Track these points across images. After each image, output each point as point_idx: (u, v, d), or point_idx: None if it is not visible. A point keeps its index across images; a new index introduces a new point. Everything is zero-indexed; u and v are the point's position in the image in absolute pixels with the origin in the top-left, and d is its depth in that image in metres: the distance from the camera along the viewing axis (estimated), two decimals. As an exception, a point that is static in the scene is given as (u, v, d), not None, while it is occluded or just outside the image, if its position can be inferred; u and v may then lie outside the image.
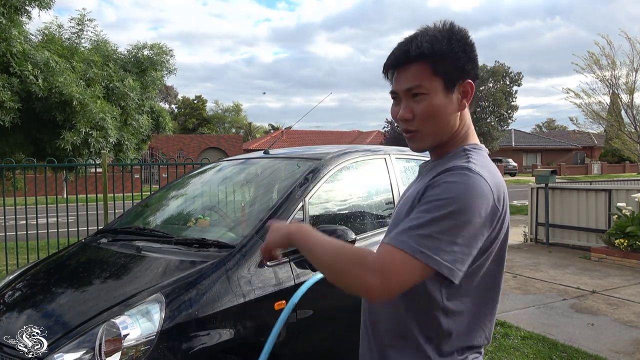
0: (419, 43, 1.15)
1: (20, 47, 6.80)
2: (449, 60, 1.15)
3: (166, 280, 2.36)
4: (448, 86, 1.16)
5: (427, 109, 1.16)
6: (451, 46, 1.15)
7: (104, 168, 5.85)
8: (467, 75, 1.18)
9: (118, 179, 18.00)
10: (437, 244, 1.02)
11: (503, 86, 38.08)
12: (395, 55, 1.19)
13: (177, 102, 59.39)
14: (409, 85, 1.17)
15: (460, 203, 1.04)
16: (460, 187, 1.05)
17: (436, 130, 1.19)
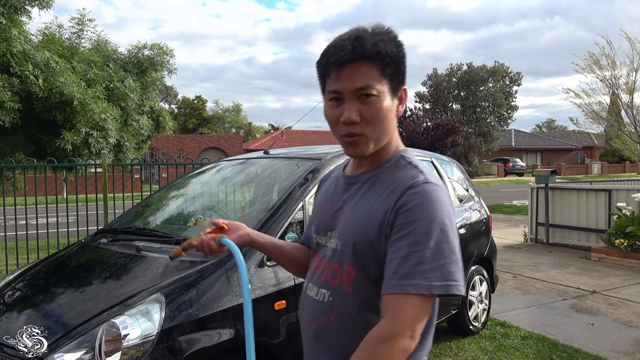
0: (374, 41, 1.08)
1: (20, 47, 6.79)
2: (395, 64, 1.12)
3: (166, 280, 2.36)
4: (393, 89, 1.13)
5: (377, 112, 1.11)
6: (399, 49, 1.12)
7: (104, 168, 5.84)
8: (404, 82, 1.16)
9: (118, 179, 18.01)
10: (446, 269, 1.02)
11: (503, 86, 38.07)
12: (346, 51, 1.08)
13: (177, 102, 59.39)
14: (360, 85, 1.09)
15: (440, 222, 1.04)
16: (436, 206, 1.05)
17: (381, 134, 1.14)
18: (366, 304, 1.12)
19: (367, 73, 1.09)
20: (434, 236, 1.02)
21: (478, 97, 37.76)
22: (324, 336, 1.19)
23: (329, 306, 1.17)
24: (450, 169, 4.59)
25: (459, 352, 3.94)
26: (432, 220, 1.03)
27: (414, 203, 1.05)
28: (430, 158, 4.32)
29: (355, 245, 1.13)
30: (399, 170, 1.15)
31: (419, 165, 1.16)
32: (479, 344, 4.11)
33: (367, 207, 1.14)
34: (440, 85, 38.72)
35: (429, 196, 1.06)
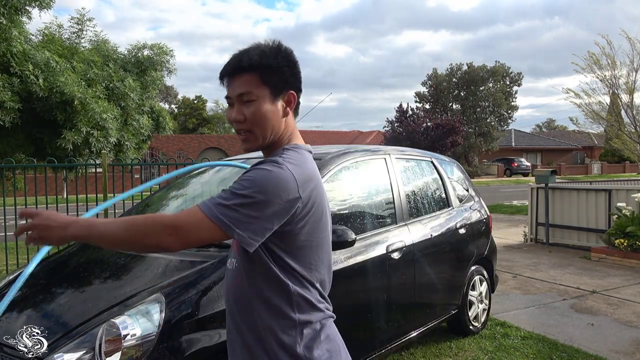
0: (251, 56, 1.34)
1: (20, 47, 6.79)
2: (275, 72, 1.35)
3: (166, 280, 2.37)
4: (274, 94, 1.36)
5: (256, 113, 1.35)
6: (277, 60, 1.35)
7: (104, 168, 5.85)
8: (290, 87, 1.38)
9: (118, 179, 18.00)
10: (236, 215, 1.21)
11: (503, 86, 38.07)
12: (230, 65, 1.37)
13: (177, 102, 59.38)
14: (241, 91, 1.35)
15: (263, 187, 1.23)
16: (266, 174, 1.25)
17: (264, 132, 1.37)
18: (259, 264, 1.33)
19: (248, 81, 1.34)
20: (252, 193, 1.22)
21: (478, 97, 37.74)
22: (238, 300, 1.39)
23: (237, 271, 1.40)
24: (450, 169, 4.59)
25: (459, 352, 3.94)
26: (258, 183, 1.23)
27: (255, 168, 1.28)
28: (430, 158, 4.32)
29: None
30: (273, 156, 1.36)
31: (288, 153, 1.35)
32: (479, 344, 4.11)
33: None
34: (440, 85, 38.71)
35: (270, 168, 1.26)
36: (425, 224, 3.75)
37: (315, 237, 1.36)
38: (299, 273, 1.35)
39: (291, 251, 1.33)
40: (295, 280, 1.34)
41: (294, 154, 1.35)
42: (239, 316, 1.39)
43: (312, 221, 1.33)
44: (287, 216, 1.26)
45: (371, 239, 3.15)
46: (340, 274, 2.67)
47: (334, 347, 1.40)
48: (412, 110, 32.82)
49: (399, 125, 31.63)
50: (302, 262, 1.35)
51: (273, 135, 1.38)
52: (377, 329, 3.20)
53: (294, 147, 1.39)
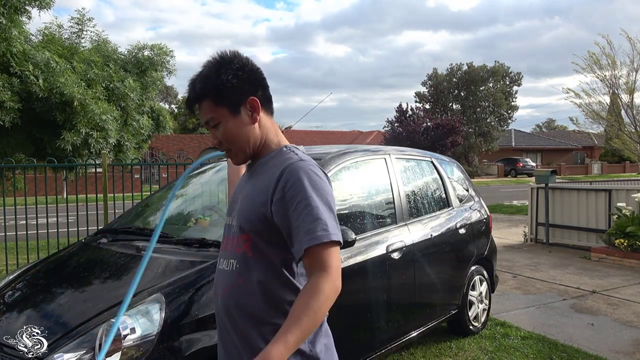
0: (195, 87, 1.39)
1: (20, 47, 6.79)
2: (223, 91, 1.37)
3: (166, 280, 2.37)
4: (232, 110, 1.38)
5: (226, 133, 1.40)
6: (220, 79, 1.36)
7: (104, 168, 5.85)
8: (246, 94, 1.39)
9: (118, 179, 18.00)
10: (333, 222, 1.29)
11: (503, 86, 38.07)
12: (189, 97, 1.43)
13: (177, 102, 59.36)
14: (205, 119, 1.41)
15: (317, 186, 1.31)
16: (308, 176, 1.31)
17: (241, 146, 1.42)
18: (267, 265, 1.36)
19: (206, 108, 1.40)
20: (317, 196, 1.29)
21: (478, 97, 37.74)
22: (238, 300, 1.39)
23: (237, 272, 1.40)
24: (450, 169, 4.59)
25: (459, 352, 3.94)
26: (311, 186, 1.30)
27: (295, 178, 1.31)
28: (430, 158, 4.32)
29: (245, 218, 1.40)
30: (281, 156, 1.42)
31: (297, 152, 1.43)
32: (479, 344, 4.11)
33: (254, 187, 1.43)
34: (440, 85, 38.71)
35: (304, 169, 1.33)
36: (425, 224, 3.75)
37: None
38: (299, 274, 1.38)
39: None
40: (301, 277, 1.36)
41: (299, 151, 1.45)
42: (239, 317, 1.38)
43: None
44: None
45: (371, 239, 3.15)
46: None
47: (329, 341, 1.41)
48: (411, 110, 32.83)
49: (399, 125, 31.65)
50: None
51: (252, 144, 1.43)
52: (377, 329, 3.20)
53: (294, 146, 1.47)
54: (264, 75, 1.46)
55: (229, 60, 1.39)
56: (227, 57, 1.40)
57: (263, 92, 1.43)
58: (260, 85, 1.43)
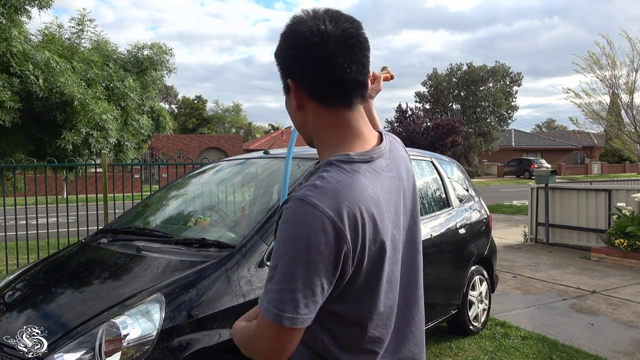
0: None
1: (20, 47, 6.79)
2: (278, 61, 1.10)
3: (166, 280, 2.36)
4: (284, 87, 1.10)
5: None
6: (279, 48, 1.08)
7: (104, 168, 5.84)
8: (288, 75, 1.07)
9: (118, 179, 18.00)
10: (278, 296, 0.93)
11: (503, 86, 38.08)
12: None
13: (177, 102, 59.40)
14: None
15: (288, 244, 0.94)
16: (286, 225, 0.95)
17: (297, 128, 1.15)
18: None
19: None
20: (281, 256, 0.95)
21: (478, 97, 37.76)
22: None
23: None
24: (450, 169, 4.59)
25: (459, 352, 3.94)
26: (284, 240, 0.95)
27: (281, 219, 0.98)
28: (430, 158, 4.32)
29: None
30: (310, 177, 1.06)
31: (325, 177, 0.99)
32: (479, 344, 4.11)
33: None
34: (440, 85, 38.72)
35: (292, 215, 0.96)
36: (425, 223, 3.75)
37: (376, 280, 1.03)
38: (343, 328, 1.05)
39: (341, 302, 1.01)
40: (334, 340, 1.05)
41: (333, 175, 0.99)
42: None
43: (371, 263, 1.01)
44: (337, 269, 0.95)
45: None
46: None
47: None
48: (411, 110, 32.84)
49: (399, 125, 31.66)
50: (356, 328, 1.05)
51: (306, 135, 1.13)
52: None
53: (339, 161, 1.02)
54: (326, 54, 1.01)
55: (287, 33, 1.06)
56: (287, 29, 1.06)
57: (316, 77, 1.03)
58: (310, 68, 1.03)
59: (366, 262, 0.99)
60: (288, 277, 0.93)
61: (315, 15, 1.04)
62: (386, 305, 1.07)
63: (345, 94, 1.05)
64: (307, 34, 1.02)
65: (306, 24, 1.03)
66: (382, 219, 1.01)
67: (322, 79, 1.03)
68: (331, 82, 1.03)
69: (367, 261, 0.99)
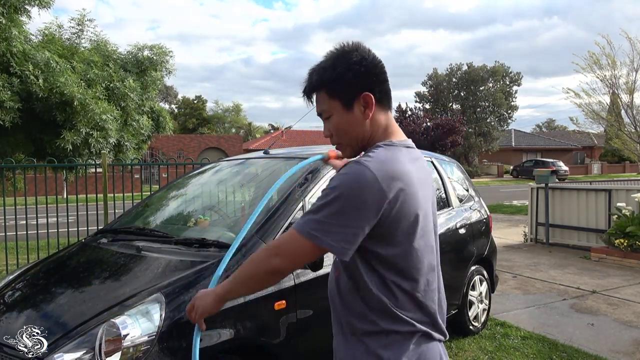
0: (312, 79, 1.40)
1: (20, 47, 6.79)
2: (339, 83, 1.35)
3: (166, 280, 2.36)
4: (345, 104, 1.36)
5: (336, 127, 1.40)
6: (336, 71, 1.35)
7: (104, 168, 5.85)
8: (360, 89, 1.36)
9: (118, 179, 18.01)
10: (325, 226, 1.23)
11: (503, 86, 38.09)
12: (304, 88, 1.43)
13: (177, 102, 59.39)
14: (319, 110, 1.43)
15: (345, 191, 1.23)
16: (345, 177, 1.25)
17: (350, 140, 1.41)
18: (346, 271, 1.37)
19: (320, 100, 1.40)
20: (331, 197, 1.24)
21: (478, 97, 37.77)
22: (332, 291, 1.45)
23: (335, 265, 1.45)
24: (450, 169, 4.59)
25: (459, 352, 3.94)
26: (336, 185, 1.25)
27: (338, 173, 1.30)
28: (430, 158, 4.32)
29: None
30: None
31: (375, 151, 1.33)
32: (479, 344, 4.11)
33: None
34: (440, 85, 38.72)
35: (348, 170, 1.27)
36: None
37: (410, 243, 1.32)
38: (391, 281, 1.31)
39: (384, 258, 1.30)
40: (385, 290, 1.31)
41: (382, 151, 1.33)
42: (331, 304, 1.47)
43: (404, 225, 1.29)
44: (375, 218, 1.24)
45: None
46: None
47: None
48: (411, 110, 32.85)
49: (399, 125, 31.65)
50: (394, 270, 1.32)
51: (361, 141, 1.40)
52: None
53: (386, 144, 1.37)
54: (384, 69, 1.41)
55: (348, 53, 1.36)
56: (348, 49, 1.37)
57: (381, 87, 1.39)
58: (378, 80, 1.38)
59: (402, 217, 1.28)
60: (337, 215, 1.23)
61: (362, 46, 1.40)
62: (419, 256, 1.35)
63: (391, 100, 1.44)
64: (374, 58, 1.38)
65: (362, 50, 1.38)
66: (415, 189, 1.31)
67: (386, 91, 1.40)
68: (388, 93, 1.42)
69: (403, 217, 1.28)
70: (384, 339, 1.31)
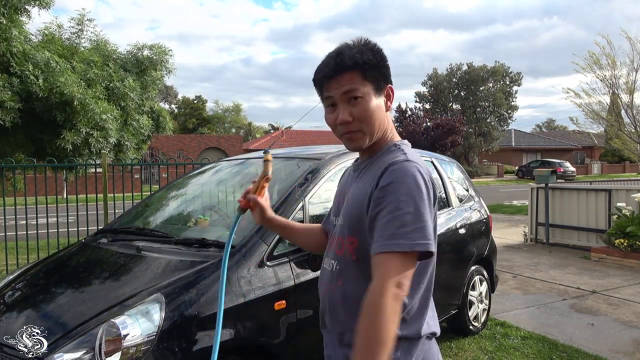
0: (351, 54, 1.31)
1: (20, 47, 6.79)
2: (375, 68, 1.33)
3: (166, 280, 2.36)
4: (377, 90, 1.34)
5: (365, 111, 1.32)
6: (375, 56, 1.33)
7: (104, 168, 5.84)
8: (388, 81, 1.37)
9: (118, 179, 18.01)
10: (420, 233, 1.18)
11: (503, 86, 38.09)
12: (330, 66, 1.32)
13: (177, 102, 59.39)
14: (347, 88, 1.31)
15: (417, 191, 1.21)
16: (412, 178, 1.22)
17: (373, 129, 1.34)
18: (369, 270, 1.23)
19: (351, 79, 1.31)
20: (412, 203, 1.20)
21: (478, 97, 37.76)
22: (330, 301, 1.38)
23: (337, 274, 1.37)
24: (450, 169, 4.59)
25: (459, 352, 3.94)
26: (409, 190, 1.21)
27: (394, 177, 1.24)
28: (430, 158, 4.32)
29: (351, 220, 1.35)
30: (389, 154, 1.35)
31: (405, 149, 1.35)
32: (479, 344, 4.11)
33: (360, 188, 1.35)
34: (441, 85, 38.72)
35: (406, 170, 1.24)
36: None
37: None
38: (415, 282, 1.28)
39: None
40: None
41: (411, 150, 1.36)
42: (328, 314, 1.40)
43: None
44: (435, 209, 1.28)
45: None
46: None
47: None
48: (411, 110, 32.84)
49: (399, 125, 31.67)
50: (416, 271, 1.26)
51: (380, 131, 1.36)
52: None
53: (403, 143, 1.39)
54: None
55: (377, 46, 1.37)
56: (375, 42, 1.38)
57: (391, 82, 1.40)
58: (391, 79, 1.40)
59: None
60: (420, 216, 1.19)
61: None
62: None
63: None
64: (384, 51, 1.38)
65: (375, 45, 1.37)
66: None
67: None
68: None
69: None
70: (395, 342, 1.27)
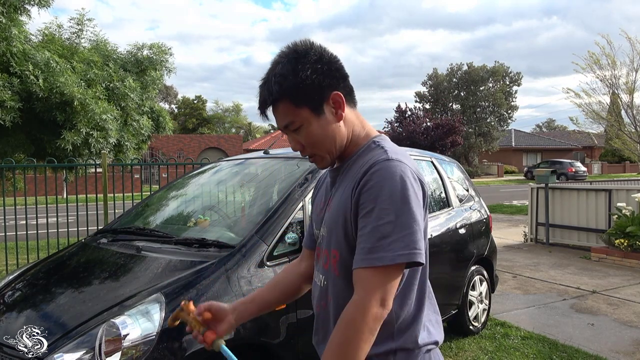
0: (271, 88, 1.19)
1: (20, 46, 6.79)
2: (305, 88, 1.18)
3: (166, 280, 2.36)
4: (315, 109, 1.20)
5: (310, 137, 1.22)
6: (299, 77, 1.17)
7: (104, 168, 5.84)
8: (328, 89, 1.20)
9: (118, 179, 18.00)
10: (404, 242, 1.08)
11: (503, 86, 38.07)
12: (260, 102, 1.24)
13: (177, 102, 59.38)
14: (284, 123, 1.22)
15: (400, 195, 1.10)
16: (396, 181, 1.11)
17: (328, 148, 1.24)
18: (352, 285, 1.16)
19: (284, 111, 1.20)
20: (395, 209, 1.09)
21: (478, 97, 37.75)
22: (323, 318, 1.29)
23: (325, 290, 1.27)
24: (450, 169, 4.59)
25: (459, 352, 3.94)
26: (392, 194, 1.10)
27: (375, 181, 1.12)
28: (430, 158, 4.32)
29: (333, 230, 1.23)
30: (368, 153, 1.23)
31: (386, 146, 1.23)
32: (479, 344, 4.11)
33: (341, 194, 1.23)
34: (441, 85, 38.71)
35: (389, 172, 1.12)
36: (425, 224, 3.74)
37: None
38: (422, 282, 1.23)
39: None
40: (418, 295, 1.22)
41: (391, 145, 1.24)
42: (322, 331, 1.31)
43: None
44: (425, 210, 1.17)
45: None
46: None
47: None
48: (411, 110, 32.83)
49: (399, 125, 31.66)
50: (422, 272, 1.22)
51: (339, 145, 1.24)
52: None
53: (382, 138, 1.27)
54: (342, 63, 1.25)
55: (305, 52, 1.19)
56: (302, 49, 1.20)
57: (344, 83, 1.24)
58: (340, 77, 1.23)
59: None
60: (403, 225, 1.09)
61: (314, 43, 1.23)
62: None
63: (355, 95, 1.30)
64: (330, 54, 1.23)
65: (317, 47, 1.22)
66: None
67: (350, 86, 1.26)
68: (352, 88, 1.27)
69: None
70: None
